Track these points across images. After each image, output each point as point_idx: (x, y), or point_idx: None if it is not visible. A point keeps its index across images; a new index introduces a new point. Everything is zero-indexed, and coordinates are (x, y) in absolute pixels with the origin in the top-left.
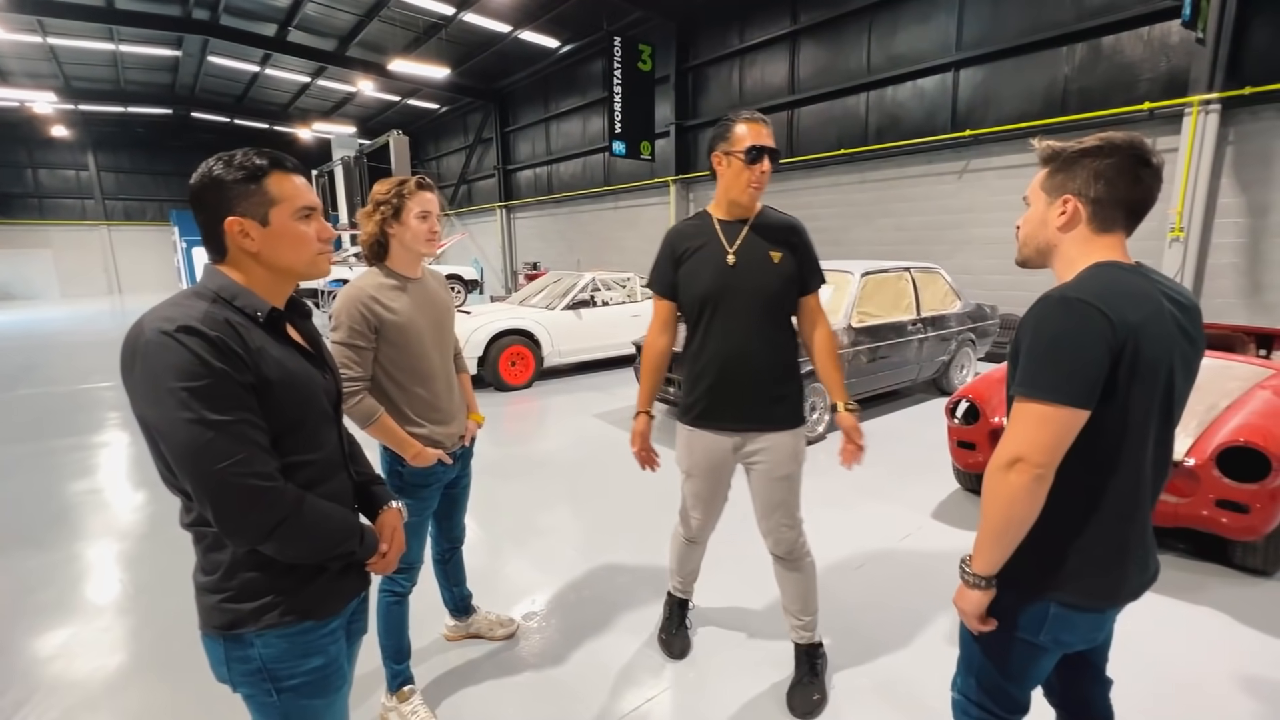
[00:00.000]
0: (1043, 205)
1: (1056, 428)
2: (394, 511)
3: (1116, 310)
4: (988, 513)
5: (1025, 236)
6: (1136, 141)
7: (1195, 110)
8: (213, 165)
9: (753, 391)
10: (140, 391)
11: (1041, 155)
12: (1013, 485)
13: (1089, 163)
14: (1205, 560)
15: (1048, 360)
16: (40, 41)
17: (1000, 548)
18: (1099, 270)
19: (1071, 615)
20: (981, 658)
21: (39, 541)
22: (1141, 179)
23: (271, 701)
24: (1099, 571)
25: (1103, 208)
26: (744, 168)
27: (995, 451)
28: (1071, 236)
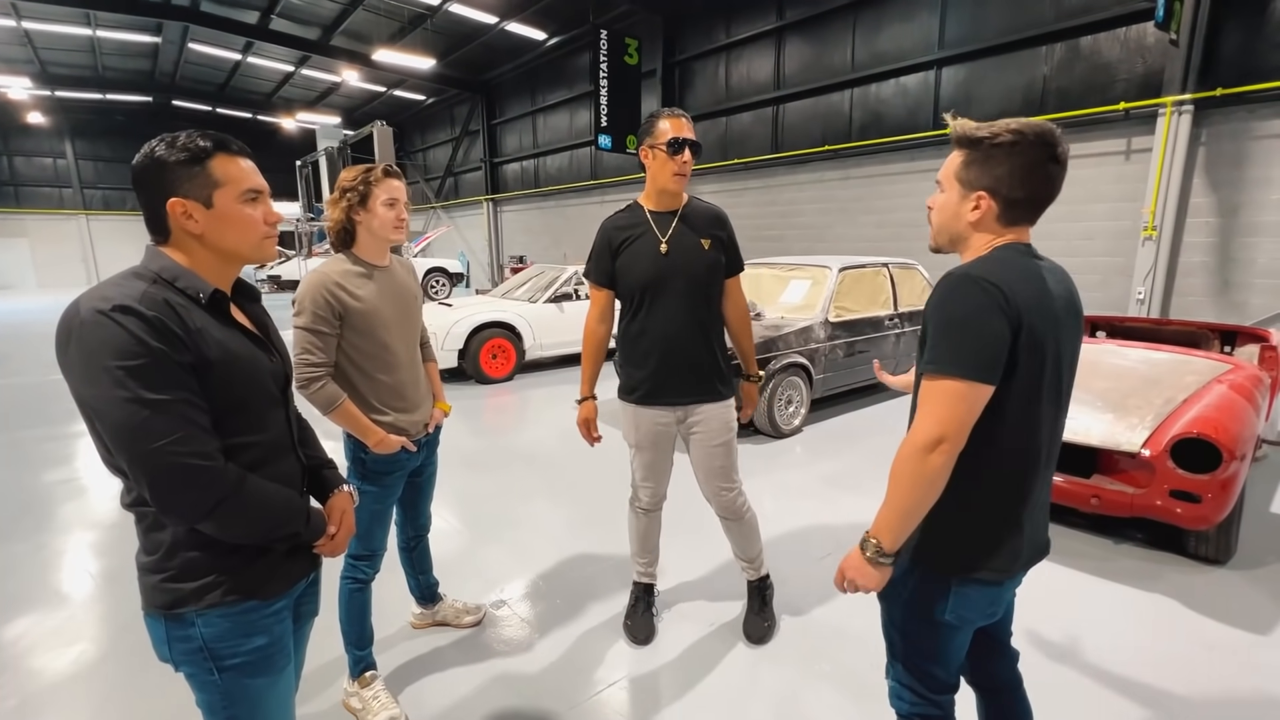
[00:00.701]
0: (956, 197)
1: (968, 404)
2: (344, 495)
3: (1011, 288)
4: (901, 492)
5: (939, 226)
6: (1048, 135)
7: (1169, 111)
8: (155, 146)
9: (691, 369)
10: (76, 371)
11: (955, 136)
12: (932, 466)
13: (1003, 159)
14: (1161, 549)
15: (955, 337)
16: (14, 25)
17: (910, 525)
18: (996, 253)
19: (970, 590)
20: (901, 642)
21: (10, 531)
22: (1051, 176)
23: (213, 680)
24: (995, 546)
25: (1013, 206)
26: (668, 159)
27: (912, 432)
28: (981, 230)
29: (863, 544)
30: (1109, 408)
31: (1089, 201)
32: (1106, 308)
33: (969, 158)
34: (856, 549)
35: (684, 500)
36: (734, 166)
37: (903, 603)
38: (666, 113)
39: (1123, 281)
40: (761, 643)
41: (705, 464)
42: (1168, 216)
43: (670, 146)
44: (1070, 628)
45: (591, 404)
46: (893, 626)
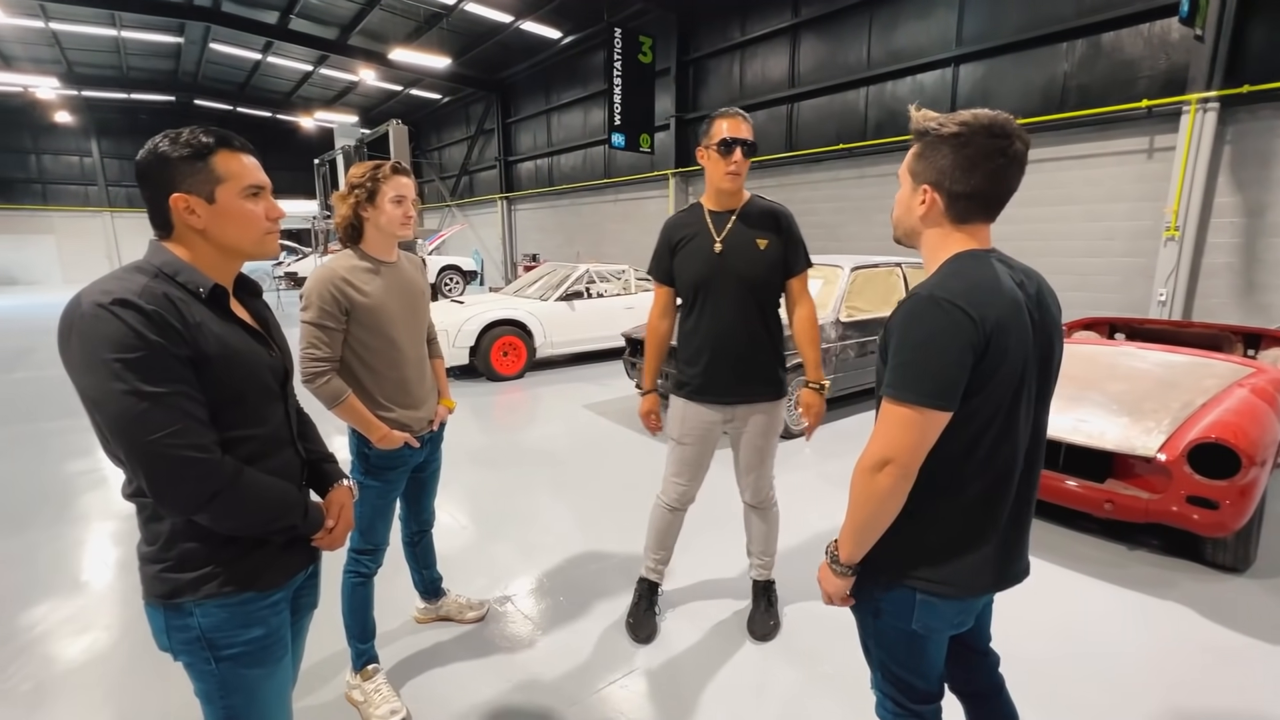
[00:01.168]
0: (908, 190)
1: (921, 430)
2: (344, 489)
3: (978, 308)
4: (854, 510)
5: (895, 219)
6: (997, 127)
7: (1193, 108)
8: (158, 142)
9: (740, 369)
10: (75, 363)
11: (911, 129)
12: (880, 486)
13: (947, 152)
14: (1176, 556)
15: (912, 362)
16: (42, 26)
17: (865, 541)
18: (960, 264)
19: (934, 602)
20: (877, 651)
21: (31, 520)
22: (999, 170)
23: (210, 670)
24: (957, 563)
25: (958, 201)
26: (720, 159)
27: (864, 451)
28: (931, 226)
29: (827, 550)
30: (1125, 411)
31: (1109, 201)
32: (1127, 310)
33: (918, 150)
34: (825, 555)
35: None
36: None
37: (872, 611)
38: (723, 113)
39: (1144, 283)
40: (766, 640)
41: (745, 457)
42: (1191, 216)
43: (721, 147)
44: (1083, 635)
45: (653, 396)
46: (867, 634)
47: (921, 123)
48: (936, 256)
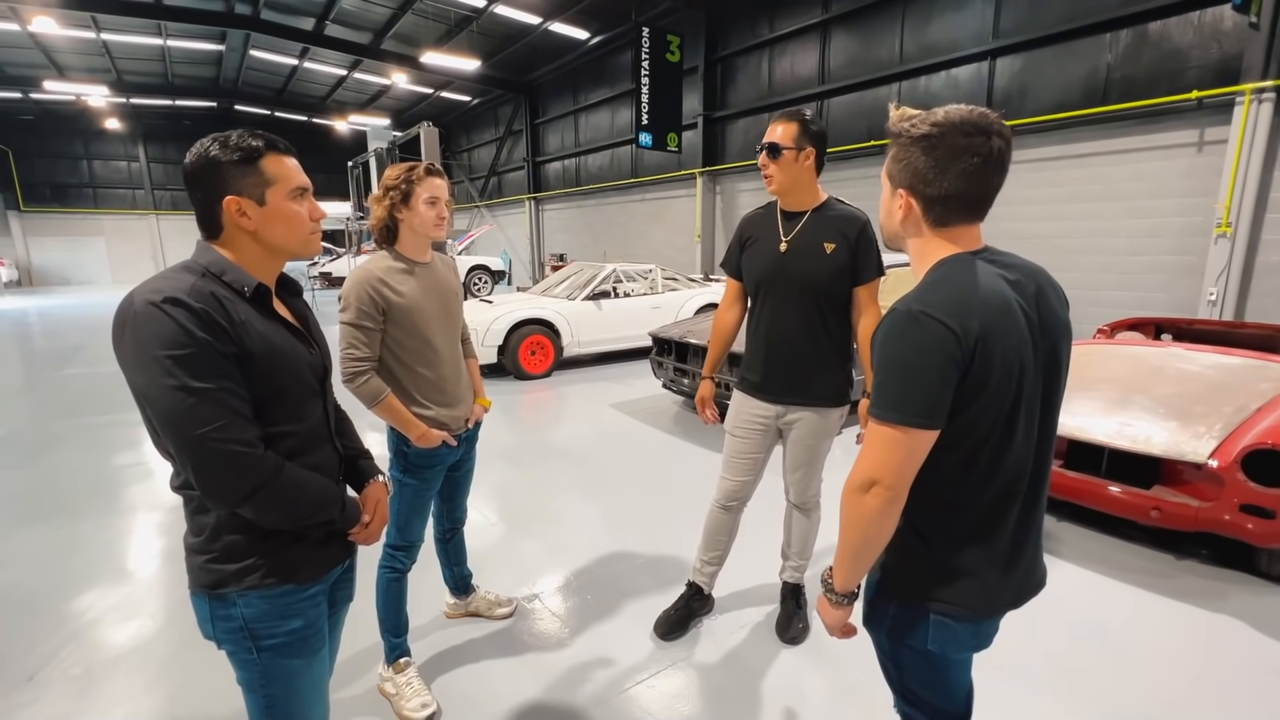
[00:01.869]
0: (888, 194)
1: (905, 450)
2: (379, 485)
3: (961, 320)
4: (845, 534)
5: (880, 224)
6: (970, 124)
7: (1247, 99)
8: (209, 146)
9: (797, 370)
10: (129, 359)
11: (887, 129)
12: (868, 508)
13: (918, 154)
14: (1227, 567)
15: (893, 380)
16: (94, 37)
17: (859, 566)
18: (945, 272)
19: (949, 623)
20: (895, 671)
21: (80, 510)
22: (974, 170)
23: (252, 659)
24: (969, 580)
25: (934, 204)
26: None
27: (850, 472)
28: (911, 231)
29: (822, 580)
30: (1173, 415)
31: (1155, 197)
32: (1174, 309)
33: (894, 152)
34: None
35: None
36: None
37: (885, 631)
38: (774, 116)
39: (1192, 281)
40: (795, 644)
41: (793, 456)
42: (1244, 212)
43: (757, 151)
44: (1129, 647)
45: (709, 384)
46: (884, 657)
47: (896, 123)
48: (922, 264)
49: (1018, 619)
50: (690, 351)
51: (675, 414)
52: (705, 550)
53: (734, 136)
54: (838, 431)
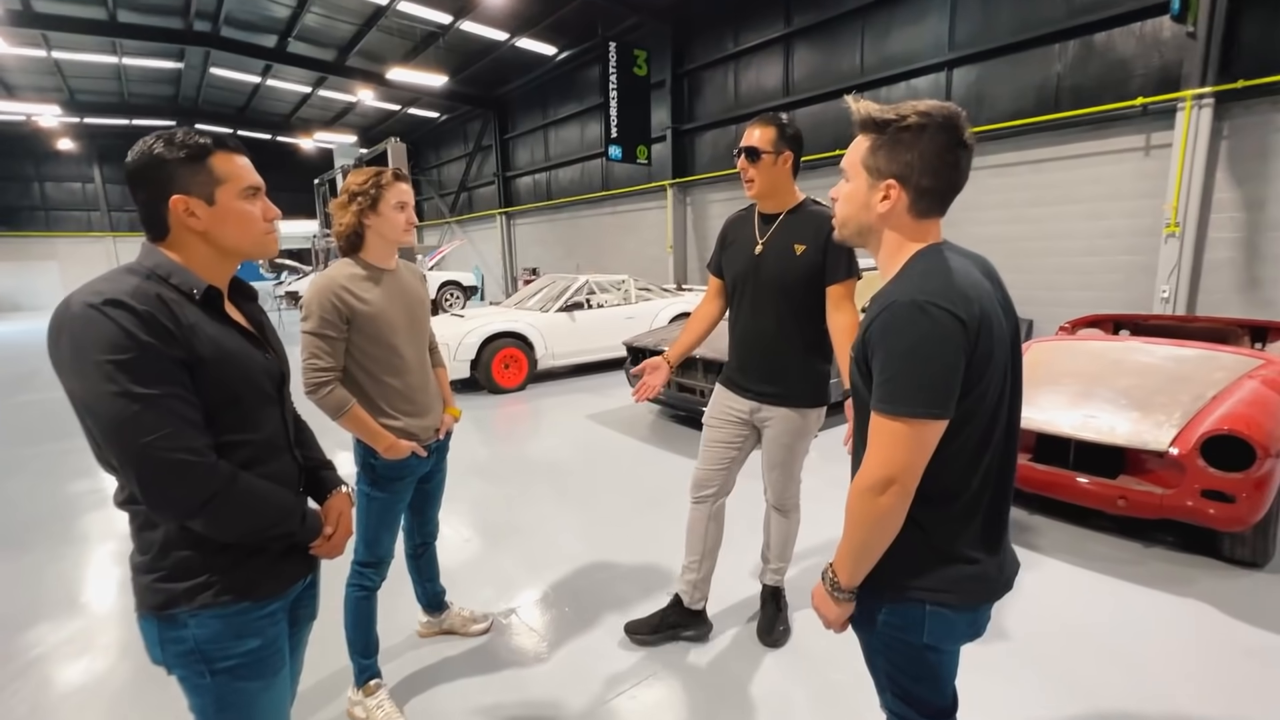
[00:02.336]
0: (864, 186)
1: (920, 443)
2: (342, 495)
3: (964, 308)
4: (853, 533)
5: (845, 217)
6: (955, 118)
7: (1188, 105)
8: (153, 144)
9: (768, 368)
10: (66, 365)
11: (859, 120)
12: (883, 507)
13: (911, 144)
14: (1193, 553)
15: (903, 373)
16: (44, 55)
17: (867, 563)
18: (931, 262)
19: (945, 613)
20: (887, 668)
21: (29, 540)
22: (959, 163)
23: (205, 683)
24: (965, 568)
25: (924, 195)
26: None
27: (861, 471)
28: (893, 223)
29: (823, 575)
30: (1134, 405)
31: (1108, 199)
32: (1130, 307)
33: (875, 143)
34: (820, 580)
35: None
36: None
37: (878, 629)
38: (749, 121)
39: (1146, 280)
40: (776, 647)
41: (769, 455)
42: (1190, 212)
43: (735, 155)
44: (1101, 634)
45: (663, 362)
46: (874, 653)
47: (871, 114)
48: (897, 257)
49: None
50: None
51: (651, 423)
52: (685, 554)
53: (702, 148)
54: (814, 434)
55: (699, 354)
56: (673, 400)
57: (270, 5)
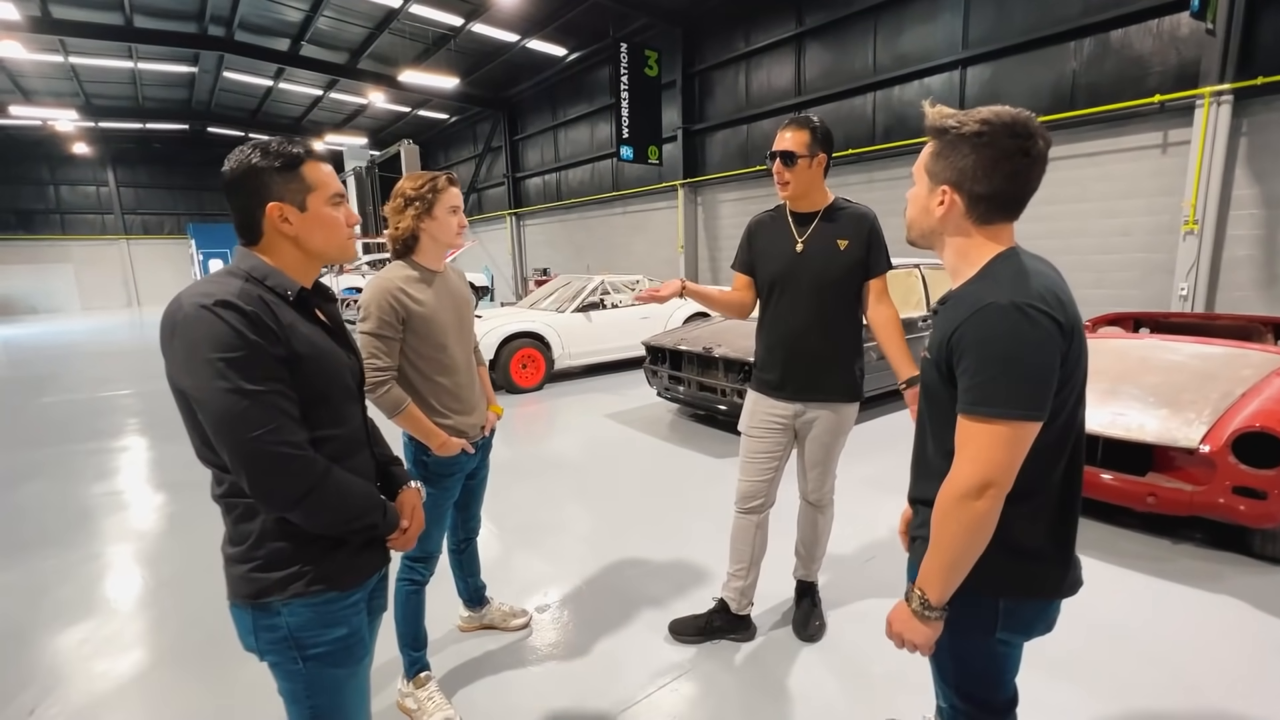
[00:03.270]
0: (925, 190)
1: (1020, 445)
2: (413, 490)
3: (1060, 311)
4: (946, 541)
5: (910, 219)
6: (1020, 126)
7: (1207, 102)
8: (249, 154)
9: (813, 367)
10: (178, 362)
11: (927, 125)
12: (980, 513)
13: (967, 151)
14: (1222, 549)
15: (1006, 376)
16: (62, 61)
17: (960, 575)
18: (1015, 265)
19: (1021, 610)
20: (952, 666)
21: (61, 541)
22: (1020, 172)
23: (297, 669)
24: (1043, 563)
25: (979, 202)
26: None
27: (955, 478)
28: (953, 228)
29: (908, 595)
30: (1163, 403)
31: (1125, 197)
32: (1147, 304)
33: (937, 148)
34: (902, 602)
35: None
36: (757, 173)
37: (949, 627)
38: (782, 124)
39: (1163, 278)
40: (813, 641)
41: (809, 454)
42: (1209, 210)
43: (769, 159)
44: (1134, 630)
45: (678, 282)
46: (942, 655)
47: (938, 119)
48: (970, 260)
49: None
50: (685, 359)
51: (671, 421)
52: (730, 561)
53: (713, 148)
54: (850, 428)
55: (720, 353)
56: (693, 399)
57: (283, 9)
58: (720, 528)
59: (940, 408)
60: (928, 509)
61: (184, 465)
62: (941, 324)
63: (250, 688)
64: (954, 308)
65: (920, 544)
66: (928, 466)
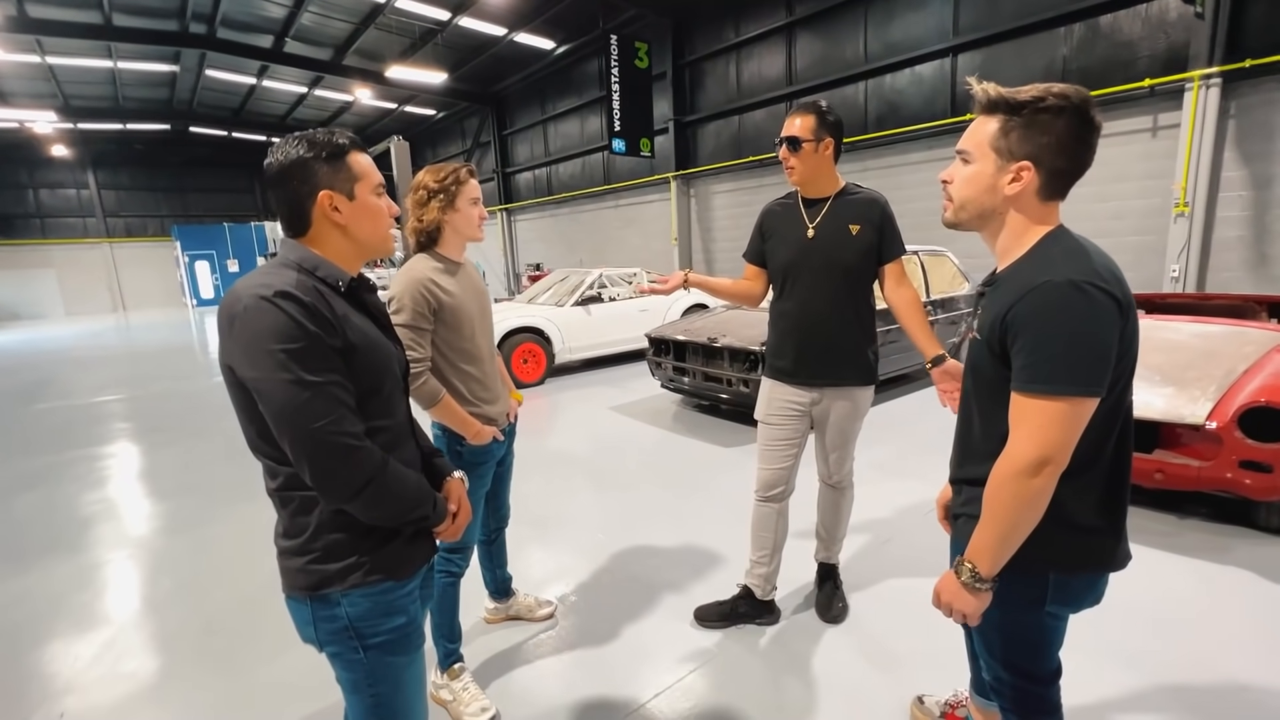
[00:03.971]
0: (991, 168)
1: (1078, 422)
2: (458, 481)
3: (1118, 288)
4: (1000, 516)
5: (965, 199)
6: (1088, 100)
7: (1196, 85)
8: (295, 147)
9: (828, 352)
10: (239, 354)
11: (984, 102)
12: (1036, 489)
13: (1046, 125)
14: (1228, 523)
15: (1067, 353)
16: (39, 61)
17: (1010, 549)
18: (1068, 243)
19: (1070, 581)
20: (999, 641)
21: (74, 546)
22: (1092, 144)
23: (358, 659)
24: (1094, 537)
25: (1057, 177)
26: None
27: (1011, 454)
28: (1021, 205)
29: (957, 568)
30: (1168, 381)
31: (1116, 180)
32: (1140, 286)
33: (1008, 124)
34: (951, 573)
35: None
36: (749, 164)
37: (998, 605)
38: (789, 109)
39: (1155, 260)
40: (836, 623)
41: (829, 438)
42: (1199, 192)
43: (777, 144)
44: (1147, 604)
45: (681, 274)
46: (989, 629)
47: (1003, 95)
48: (1022, 240)
49: None
50: (689, 350)
51: (675, 412)
52: (752, 549)
53: (705, 139)
54: (867, 411)
55: (725, 342)
56: (697, 390)
57: (266, 6)
58: (733, 514)
59: (991, 388)
60: (973, 488)
61: (184, 469)
62: (992, 304)
63: (275, 688)
64: (1006, 287)
65: (965, 522)
66: (974, 448)
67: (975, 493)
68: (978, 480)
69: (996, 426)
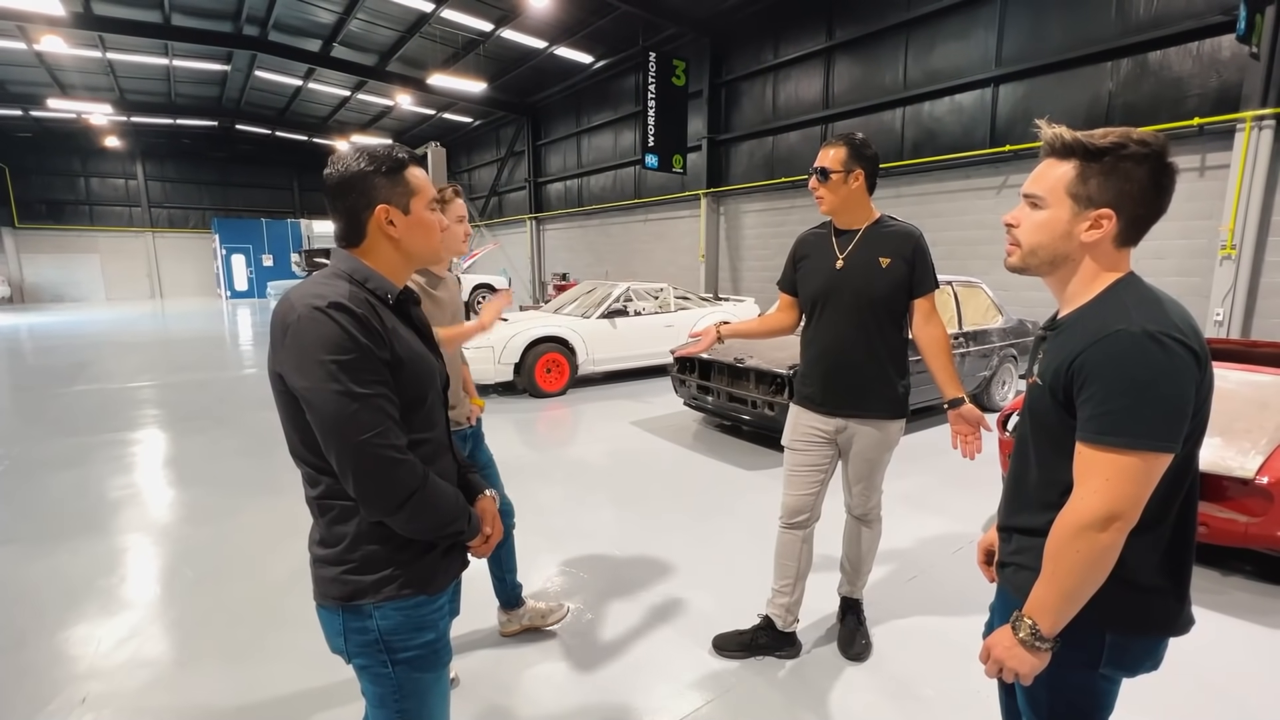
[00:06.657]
0: (1067, 214)
1: (1150, 477)
2: (490, 500)
3: (1195, 340)
4: (1065, 572)
5: (1036, 244)
6: (1167, 146)
7: (1248, 126)
8: (355, 160)
9: (854, 383)
10: (290, 363)
11: (1056, 145)
12: (1104, 545)
13: (1128, 172)
14: (1272, 582)
15: (1141, 406)
16: (100, 56)
17: (1075, 607)
18: (1141, 292)
19: (1128, 643)
20: (1050, 698)
21: (94, 531)
22: (1169, 191)
23: (387, 673)
24: (1155, 598)
25: (1135, 224)
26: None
27: (1078, 508)
28: (1096, 252)
29: (1015, 624)
30: (1215, 431)
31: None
32: None
33: (1086, 170)
34: (1006, 628)
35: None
36: (781, 185)
37: (1052, 663)
38: (825, 140)
39: (1199, 302)
40: (859, 661)
41: (854, 470)
42: (1248, 235)
43: (810, 174)
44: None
45: (713, 329)
46: (1038, 686)
47: (1081, 140)
48: (1089, 284)
49: None
50: (714, 369)
51: (697, 431)
52: (775, 577)
53: (738, 158)
54: (896, 444)
55: (753, 364)
56: (721, 410)
57: (317, 11)
58: (755, 538)
59: (1051, 435)
60: (1025, 537)
61: (210, 459)
62: (1057, 350)
63: (295, 684)
64: (1072, 333)
65: (1013, 571)
66: (1027, 495)
67: (1027, 542)
68: (1031, 530)
69: (1056, 475)
